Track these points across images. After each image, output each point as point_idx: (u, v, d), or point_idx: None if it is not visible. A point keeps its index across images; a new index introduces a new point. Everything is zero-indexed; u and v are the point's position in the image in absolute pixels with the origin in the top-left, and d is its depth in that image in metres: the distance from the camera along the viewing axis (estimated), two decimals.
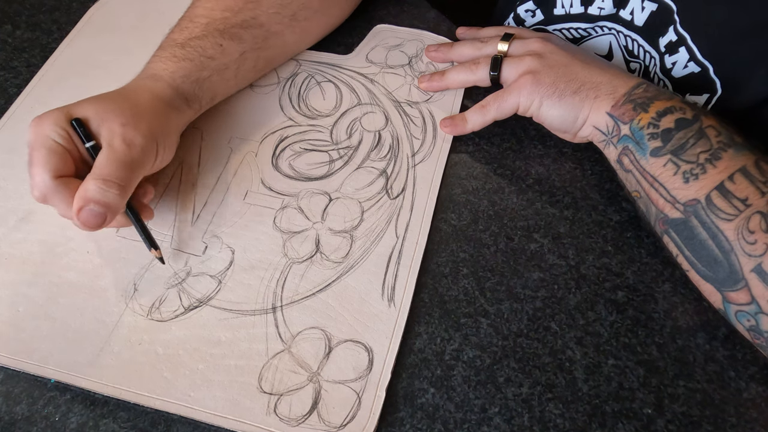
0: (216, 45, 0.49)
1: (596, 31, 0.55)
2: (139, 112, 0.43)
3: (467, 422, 0.39)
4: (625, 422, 0.39)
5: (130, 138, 0.42)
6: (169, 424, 0.39)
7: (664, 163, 0.41)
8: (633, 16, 0.52)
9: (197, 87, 0.48)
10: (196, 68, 0.48)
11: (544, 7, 0.57)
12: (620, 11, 0.53)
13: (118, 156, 0.41)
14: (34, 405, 0.40)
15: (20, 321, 0.42)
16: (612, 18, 0.54)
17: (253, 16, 0.51)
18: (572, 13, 0.55)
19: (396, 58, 0.57)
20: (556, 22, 0.57)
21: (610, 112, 0.45)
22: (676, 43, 0.50)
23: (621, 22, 0.53)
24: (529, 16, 0.58)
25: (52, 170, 0.40)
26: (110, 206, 0.40)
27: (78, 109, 0.42)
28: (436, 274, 0.45)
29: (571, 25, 0.56)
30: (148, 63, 0.49)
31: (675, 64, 0.50)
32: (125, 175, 0.41)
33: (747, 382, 0.40)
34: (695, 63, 0.49)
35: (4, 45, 0.59)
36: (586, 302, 0.44)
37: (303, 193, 0.49)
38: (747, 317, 0.39)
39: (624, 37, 0.54)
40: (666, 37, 0.50)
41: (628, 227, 0.47)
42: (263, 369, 0.40)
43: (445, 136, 0.52)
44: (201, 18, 0.50)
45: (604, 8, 0.53)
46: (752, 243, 0.37)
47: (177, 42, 0.49)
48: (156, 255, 0.44)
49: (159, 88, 0.46)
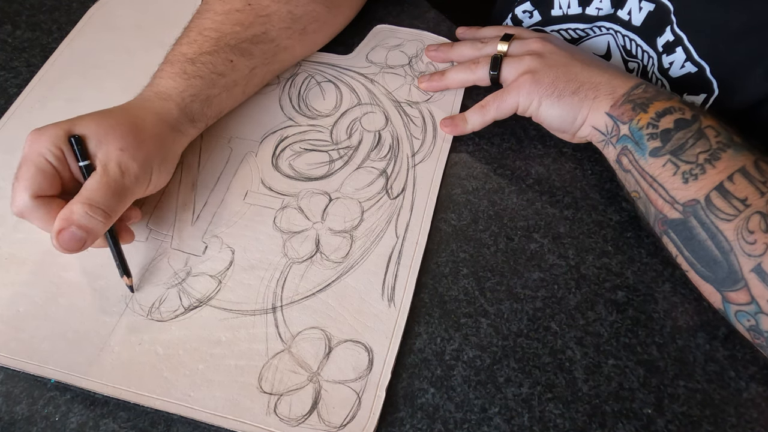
0: (227, 61, 0.48)
1: (594, 31, 0.56)
2: (140, 138, 0.42)
3: (467, 422, 0.39)
4: (625, 422, 0.39)
5: (125, 165, 0.41)
6: (169, 424, 0.39)
7: (664, 164, 0.41)
8: (631, 17, 0.52)
9: (205, 106, 0.47)
10: (206, 86, 0.47)
11: (542, 7, 0.57)
12: (618, 11, 0.53)
13: (109, 182, 0.40)
14: (34, 405, 0.40)
15: (20, 321, 0.42)
16: (610, 18, 0.54)
17: (263, 31, 0.50)
18: (570, 14, 0.55)
19: (396, 58, 0.57)
20: (553, 23, 0.57)
21: (609, 112, 0.45)
22: (673, 43, 0.50)
23: (619, 22, 0.53)
24: (527, 16, 0.58)
25: (34, 190, 0.39)
26: (92, 232, 0.39)
27: (79, 125, 0.41)
28: (436, 274, 0.45)
29: (569, 26, 0.56)
30: (156, 78, 0.47)
31: (672, 64, 0.51)
32: (113, 204, 0.40)
33: (747, 382, 0.40)
34: (692, 63, 0.49)
35: (4, 45, 0.59)
36: (586, 302, 0.44)
37: (303, 193, 0.49)
38: (747, 317, 0.39)
39: (622, 37, 0.54)
40: (663, 37, 0.50)
41: (628, 227, 0.47)
42: (263, 369, 0.40)
43: (445, 136, 0.52)
44: (211, 32, 0.49)
45: (602, 9, 0.53)
46: (752, 243, 0.37)
47: (187, 57, 0.47)
48: (127, 283, 0.43)
49: (166, 109, 0.45)
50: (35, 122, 0.42)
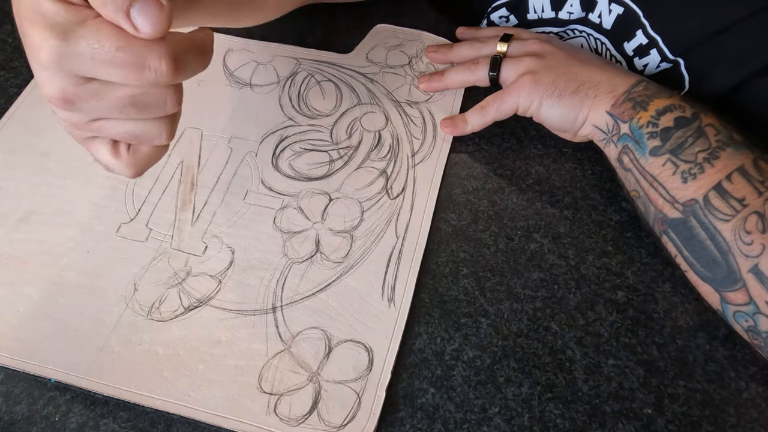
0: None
1: (568, 33, 0.56)
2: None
3: (467, 422, 0.39)
4: (625, 422, 0.39)
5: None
6: (169, 424, 0.39)
7: (663, 163, 0.41)
8: (601, 20, 0.52)
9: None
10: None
11: (518, 12, 0.57)
12: (589, 15, 0.53)
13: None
14: (34, 405, 0.40)
15: (20, 321, 0.42)
16: (581, 21, 0.54)
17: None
18: (544, 18, 0.56)
19: (396, 58, 0.57)
20: (529, 27, 0.57)
21: (610, 110, 0.45)
22: (646, 46, 0.50)
23: (590, 25, 0.54)
24: (503, 21, 0.58)
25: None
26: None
27: None
28: (436, 274, 0.45)
29: (544, 29, 0.56)
30: None
31: (646, 66, 0.51)
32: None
33: (747, 382, 0.40)
34: (666, 62, 0.50)
35: (4, 45, 0.59)
36: (586, 302, 0.44)
37: (303, 193, 0.49)
38: (745, 318, 0.39)
39: (594, 40, 0.54)
40: (635, 40, 0.50)
41: (628, 227, 0.47)
42: (263, 369, 0.40)
43: (445, 136, 0.52)
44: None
45: (573, 12, 0.54)
46: (749, 243, 0.37)
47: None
48: None
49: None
50: (35, 122, 0.42)
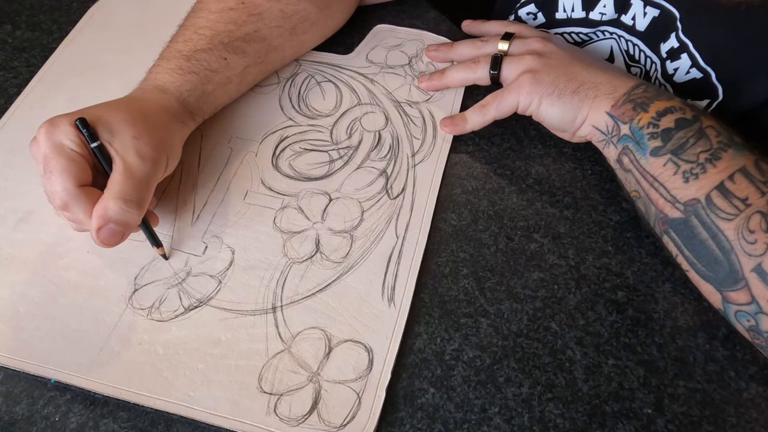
0: (220, 59, 0.49)
1: (597, 35, 0.56)
2: (149, 124, 0.43)
3: (467, 422, 0.39)
4: (625, 422, 0.39)
5: (143, 152, 0.41)
6: (169, 424, 0.39)
7: (664, 163, 0.41)
8: (635, 22, 0.52)
9: (202, 101, 0.48)
10: (201, 82, 0.48)
11: (546, 10, 0.57)
12: (622, 16, 0.53)
13: (134, 173, 0.40)
14: (34, 405, 0.40)
15: (20, 321, 0.42)
16: (613, 23, 0.54)
17: (255, 29, 0.51)
18: (574, 18, 0.55)
19: (396, 58, 0.57)
20: (557, 25, 0.57)
21: (610, 111, 0.45)
22: (678, 50, 0.50)
23: (623, 27, 0.53)
24: (531, 18, 0.58)
25: (74, 179, 0.39)
26: (129, 225, 0.40)
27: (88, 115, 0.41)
28: (436, 274, 0.45)
29: (573, 30, 0.56)
30: (153, 73, 0.48)
31: (677, 70, 0.50)
32: (143, 193, 0.41)
33: (747, 382, 0.40)
34: (697, 69, 0.49)
35: (4, 45, 0.59)
36: (586, 302, 0.44)
37: (303, 193, 0.49)
38: (747, 317, 0.39)
39: (625, 42, 0.54)
40: (667, 43, 0.50)
41: (628, 227, 0.47)
42: (263, 369, 0.40)
43: (445, 135, 0.52)
44: (205, 30, 0.49)
45: (605, 13, 0.53)
46: (752, 243, 0.37)
47: (182, 54, 0.48)
48: (159, 252, 0.44)
49: (166, 101, 0.46)
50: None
